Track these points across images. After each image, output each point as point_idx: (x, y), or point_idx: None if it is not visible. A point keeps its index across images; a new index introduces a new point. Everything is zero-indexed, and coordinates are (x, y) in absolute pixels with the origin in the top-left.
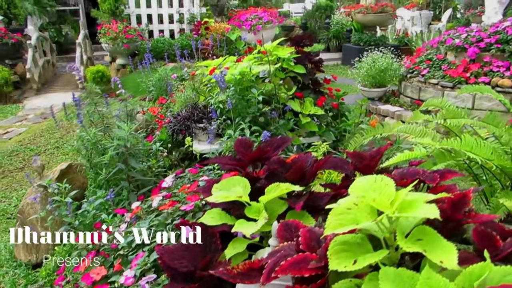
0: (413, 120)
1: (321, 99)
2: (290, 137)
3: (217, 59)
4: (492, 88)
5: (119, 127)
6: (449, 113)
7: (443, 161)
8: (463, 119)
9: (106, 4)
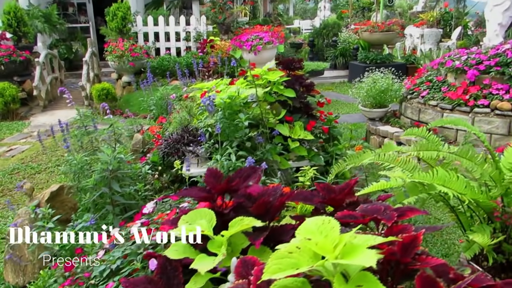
0: (384, 152)
1: (311, 123)
2: (259, 167)
3: (211, 82)
4: (492, 110)
5: (103, 151)
6: (423, 145)
7: (415, 194)
8: (436, 151)
9: (113, 22)
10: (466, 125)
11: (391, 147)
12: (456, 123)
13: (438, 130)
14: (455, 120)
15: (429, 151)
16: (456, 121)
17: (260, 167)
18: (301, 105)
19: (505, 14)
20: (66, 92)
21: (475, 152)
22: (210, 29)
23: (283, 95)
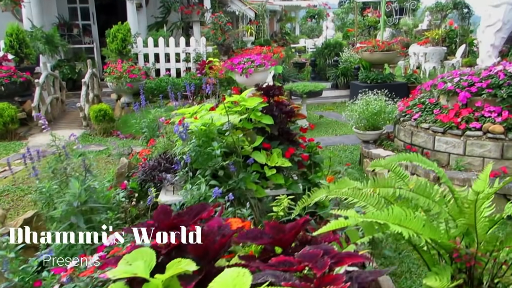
0: (338, 188)
1: (290, 151)
2: (210, 205)
3: (193, 107)
4: (484, 134)
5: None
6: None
7: (371, 233)
8: (392, 188)
9: (113, 44)
10: (421, 161)
11: (346, 183)
12: (411, 159)
13: (430, 153)
14: (411, 157)
15: (385, 188)
16: (411, 157)
17: (210, 205)
18: (280, 132)
19: (497, 35)
20: (41, 118)
21: (432, 189)
22: (210, 50)
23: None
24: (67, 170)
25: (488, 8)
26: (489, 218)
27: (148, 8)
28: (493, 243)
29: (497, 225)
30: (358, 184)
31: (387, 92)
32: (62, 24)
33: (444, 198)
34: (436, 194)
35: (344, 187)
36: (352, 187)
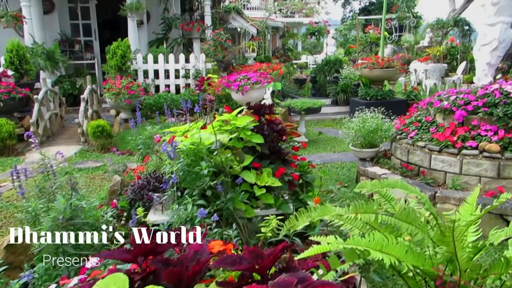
0: (321, 216)
1: (280, 170)
2: (187, 228)
3: (185, 125)
4: (480, 152)
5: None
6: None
7: (353, 259)
8: (373, 213)
9: (113, 60)
10: (403, 187)
11: (327, 209)
12: (393, 185)
13: (427, 172)
14: (393, 183)
15: (367, 214)
16: (393, 183)
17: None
18: (271, 151)
19: (493, 54)
20: (32, 137)
21: (415, 215)
22: (210, 66)
23: (251, 141)
24: (52, 189)
25: (484, 26)
26: (473, 245)
27: (149, 24)
28: (476, 271)
29: (482, 251)
30: (340, 210)
31: (387, 109)
32: (64, 40)
33: (427, 223)
34: (419, 220)
35: (326, 213)
36: (334, 214)
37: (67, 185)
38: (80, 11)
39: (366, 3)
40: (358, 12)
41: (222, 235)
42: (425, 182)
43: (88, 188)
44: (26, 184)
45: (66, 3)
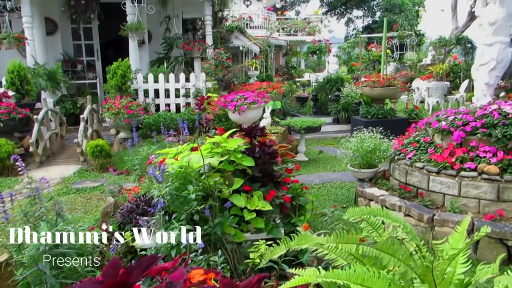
0: (299, 244)
1: (271, 193)
2: (158, 256)
3: (178, 147)
4: (479, 174)
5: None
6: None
7: None
8: (354, 244)
9: (113, 80)
10: (385, 216)
11: (307, 238)
12: (376, 213)
13: (425, 193)
14: (375, 211)
15: (348, 244)
16: (376, 211)
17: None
18: (262, 174)
19: (491, 74)
20: (18, 160)
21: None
22: (210, 85)
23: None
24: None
25: (481, 46)
26: (459, 281)
27: (151, 44)
28: None
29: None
30: (321, 239)
31: (388, 128)
32: (66, 61)
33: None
34: (402, 251)
35: (305, 242)
36: (313, 243)
37: (53, 210)
38: (82, 32)
39: (369, 21)
40: (361, 30)
41: (209, 261)
42: (423, 204)
43: (84, 208)
44: (12, 209)
45: (69, 24)
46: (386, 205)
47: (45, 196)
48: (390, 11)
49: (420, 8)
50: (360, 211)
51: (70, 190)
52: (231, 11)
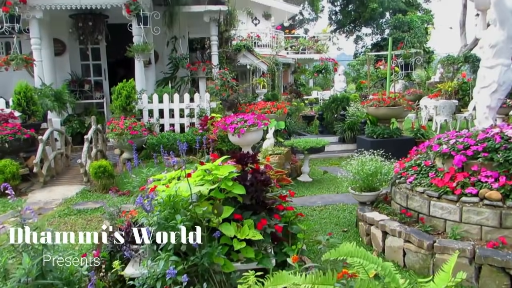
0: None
1: (262, 222)
2: None
3: (171, 173)
4: (480, 200)
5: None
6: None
7: None
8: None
9: (118, 101)
10: (362, 256)
11: (282, 278)
12: (354, 254)
13: (426, 219)
14: (354, 252)
15: (324, 285)
16: (355, 252)
17: None
18: (253, 202)
19: (493, 97)
20: (8, 188)
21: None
22: (214, 105)
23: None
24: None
25: (483, 69)
26: None
27: (157, 64)
28: None
29: None
30: (297, 279)
31: (394, 148)
32: (74, 81)
33: None
34: None
35: (281, 283)
36: (289, 283)
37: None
38: (90, 52)
39: (378, 38)
40: (370, 47)
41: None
42: (424, 230)
43: (84, 230)
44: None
45: (77, 45)
46: (386, 230)
47: (33, 226)
48: (399, 28)
49: (429, 25)
50: (337, 252)
51: (71, 211)
52: (238, 30)
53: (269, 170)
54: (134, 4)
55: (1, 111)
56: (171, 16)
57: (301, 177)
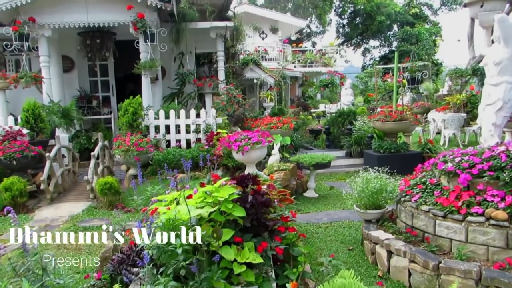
0: None
1: (262, 245)
2: None
3: (173, 194)
4: (487, 220)
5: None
6: None
7: None
8: None
9: (125, 117)
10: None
11: None
12: (346, 287)
13: (431, 238)
14: (346, 284)
15: None
16: (347, 285)
17: None
18: (254, 224)
19: (498, 114)
20: (11, 212)
21: None
22: (220, 121)
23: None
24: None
25: (487, 86)
26: None
27: (164, 80)
28: None
29: None
30: None
31: (401, 163)
32: (82, 97)
33: None
34: None
35: None
36: None
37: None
38: (99, 69)
39: (385, 51)
40: (378, 59)
41: None
42: (430, 249)
43: (89, 249)
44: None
45: (85, 62)
46: (391, 249)
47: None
48: (407, 41)
49: (437, 37)
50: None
51: (77, 228)
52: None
53: (271, 190)
54: (140, 22)
55: (10, 129)
56: (178, 32)
57: (307, 193)
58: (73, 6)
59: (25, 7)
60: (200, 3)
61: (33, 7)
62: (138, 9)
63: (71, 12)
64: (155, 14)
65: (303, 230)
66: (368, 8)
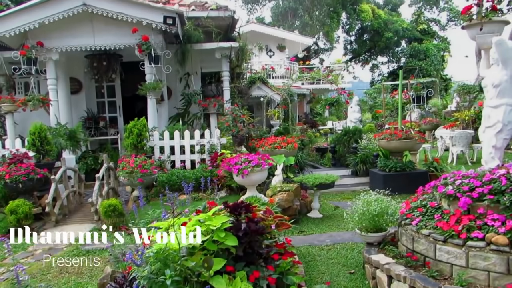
0: None
1: (254, 274)
2: None
3: (169, 220)
4: (487, 244)
5: None
6: None
7: None
8: None
9: (129, 139)
10: None
11: None
12: None
13: (432, 263)
14: None
15: None
16: None
17: None
18: (248, 251)
19: (498, 136)
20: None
21: None
22: (225, 141)
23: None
24: None
25: (487, 108)
26: None
27: (170, 100)
28: None
29: None
30: None
31: (407, 182)
32: (89, 118)
33: None
34: None
35: None
36: None
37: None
38: (106, 90)
39: (394, 67)
40: (386, 75)
41: None
42: (430, 274)
43: (90, 273)
44: None
45: (93, 83)
46: (391, 274)
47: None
48: (415, 57)
49: (446, 53)
50: None
51: (80, 252)
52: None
53: (268, 216)
54: (145, 44)
55: (17, 151)
56: (183, 54)
57: (311, 213)
58: (80, 30)
59: (33, 32)
60: (206, 24)
61: (41, 32)
62: (143, 32)
63: (78, 36)
64: (160, 36)
65: (305, 253)
66: (375, 24)
